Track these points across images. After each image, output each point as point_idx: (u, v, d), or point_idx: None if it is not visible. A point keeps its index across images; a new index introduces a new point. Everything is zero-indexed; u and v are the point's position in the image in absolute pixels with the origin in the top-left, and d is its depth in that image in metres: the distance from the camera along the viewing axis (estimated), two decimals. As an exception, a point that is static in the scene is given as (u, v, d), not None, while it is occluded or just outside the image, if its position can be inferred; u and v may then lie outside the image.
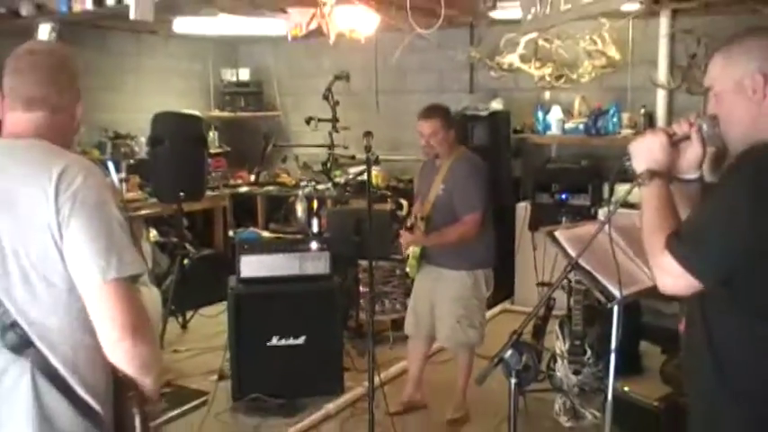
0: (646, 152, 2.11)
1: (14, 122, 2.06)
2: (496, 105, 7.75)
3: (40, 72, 2.08)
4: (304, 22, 5.91)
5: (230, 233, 8.13)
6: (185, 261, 6.69)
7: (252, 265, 5.20)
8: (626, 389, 4.58)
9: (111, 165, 5.84)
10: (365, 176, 4.69)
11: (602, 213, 6.58)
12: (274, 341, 5.15)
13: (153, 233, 7.23)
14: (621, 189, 2.57)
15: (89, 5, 5.52)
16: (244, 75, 9.55)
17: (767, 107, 1.99)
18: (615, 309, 3.23)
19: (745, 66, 2.00)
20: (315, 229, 6.40)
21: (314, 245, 5.35)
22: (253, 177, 8.99)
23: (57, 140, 2.06)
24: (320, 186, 7.47)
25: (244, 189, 8.81)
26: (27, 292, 1.91)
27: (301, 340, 5.18)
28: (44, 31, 6.14)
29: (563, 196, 6.97)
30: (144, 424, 2.06)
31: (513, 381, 2.36)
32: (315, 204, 6.62)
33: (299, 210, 6.92)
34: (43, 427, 1.93)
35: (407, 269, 5.12)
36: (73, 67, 2.19)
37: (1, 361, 1.93)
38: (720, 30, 6.37)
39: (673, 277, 1.95)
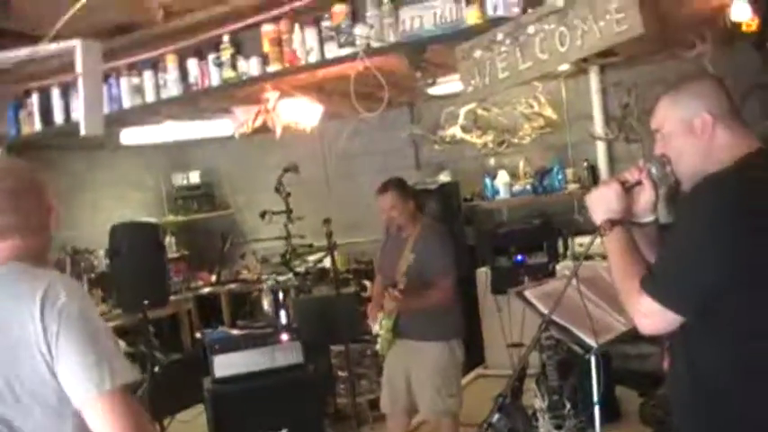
0: (602, 203, 2.20)
1: None
2: (444, 177, 7.88)
3: (1, 200, 2.03)
4: (249, 119, 6.02)
5: (197, 335, 8.07)
6: (156, 369, 6.63)
7: (225, 364, 5.19)
8: (609, 437, 4.64)
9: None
10: (325, 263, 4.74)
11: (560, 268, 6.70)
12: (257, 437, 5.10)
13: (121, 344, 7.17)
14: (579, 242, 2.67)
15: (38, 127, 5.55)
16: (194, 177, 9.62)
17: (716, 144, 2.10)
18: (593, 359, 3.28)
19: (693, 107, 2.12)
20: (283, 320, 6.40)
21: (284, 336, 5.34)
22: (214, 277, 8.96)
23: (33, 261, 2.04)
24: (281, 278, 7.49)
25: (207, 290, 8.80)
26: (21, 413, 1.89)
27: (283, 433, 5.15)
28: (-6, 157, 6.16)
29: (520, 257, 7.07)
30: None
31: (503, 443, 2.41)
32: (281, 296, 6.63)
33: (266, 303, 6.93)
34: None
35: (377, 347, 5.09)
36: (37, 183, 2.16)
37: None
38: (647, 78, 6.66)
39: (652, 317, 2.02)
